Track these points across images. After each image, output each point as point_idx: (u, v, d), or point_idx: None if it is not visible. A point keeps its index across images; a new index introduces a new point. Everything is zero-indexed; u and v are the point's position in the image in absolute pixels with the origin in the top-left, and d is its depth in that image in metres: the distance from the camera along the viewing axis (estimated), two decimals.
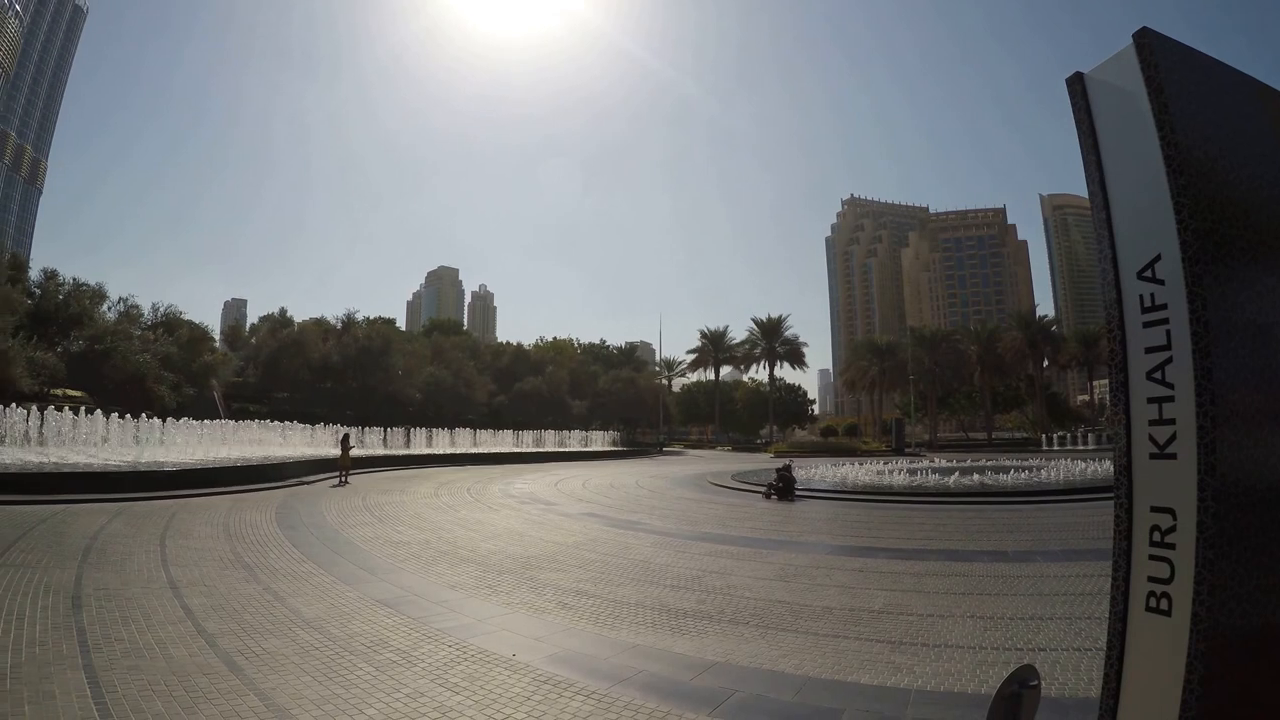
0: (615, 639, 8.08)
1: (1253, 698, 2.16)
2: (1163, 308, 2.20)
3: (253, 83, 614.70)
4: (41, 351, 48.15)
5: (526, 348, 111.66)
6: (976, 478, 29.66)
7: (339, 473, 31.31)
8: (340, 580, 10.87)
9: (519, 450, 63.10)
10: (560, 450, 67.91)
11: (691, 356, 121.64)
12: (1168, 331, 2.18)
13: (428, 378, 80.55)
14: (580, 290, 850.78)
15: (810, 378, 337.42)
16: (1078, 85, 2.47)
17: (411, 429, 62.84)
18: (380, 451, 46.74)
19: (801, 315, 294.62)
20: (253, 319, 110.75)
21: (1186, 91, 2.23)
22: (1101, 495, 21.97)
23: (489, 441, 67.19)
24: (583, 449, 73.06)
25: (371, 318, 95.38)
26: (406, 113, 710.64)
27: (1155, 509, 2.21)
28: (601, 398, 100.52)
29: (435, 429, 65.97)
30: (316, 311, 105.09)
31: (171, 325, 66.60)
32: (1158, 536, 2.20)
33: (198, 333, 71.33)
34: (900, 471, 34.76)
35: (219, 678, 6.39)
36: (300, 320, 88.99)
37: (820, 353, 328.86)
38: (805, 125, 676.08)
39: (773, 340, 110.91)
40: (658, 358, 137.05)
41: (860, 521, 19.20)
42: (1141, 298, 2.26)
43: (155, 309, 68.33)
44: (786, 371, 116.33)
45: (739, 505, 23.46)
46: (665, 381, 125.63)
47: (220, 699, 5.89)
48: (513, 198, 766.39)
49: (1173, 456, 2.18)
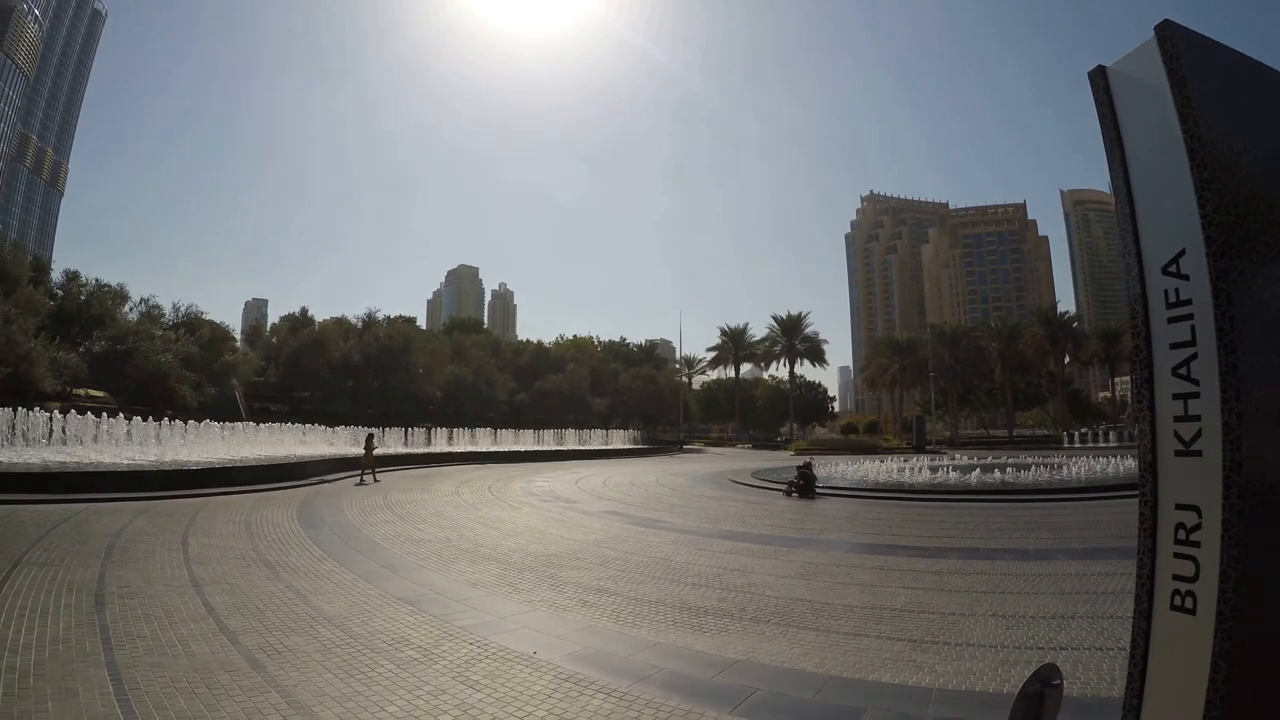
0: (636, 637, 8.08)
1: (1278, 698, 2.14)
2: (1187, 303, 2.17)
3: (273, 86, 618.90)
4: (64, 352, 48.71)
5: (547, 346, 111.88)
6: (998, 475, 29.48)
7: (362, 471, 31.45)
8: (361, 578, 10.93)
9: (540, 448, 63.14)
10: (581, 448, 67.97)
11: (712, 354, 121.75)
12: (1192, 327, 2.15)
13: (448, 376, 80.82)
14: (600, 288, 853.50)
15: (830, 375, 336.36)
16: (1100, 79, 2.44)
17: (432, 427, 63.04)
18: (401, 450, 46.91)
19: (821, 312, 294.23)
20: (273, 319, 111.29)
21: (1209, 84, 2.20)
22: (1123, 493, 21.81)
23: (510, 440, 67.33)
24: (603, 447, 73.23)
25: (392, 316, 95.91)
26: (424, 112, 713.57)
27: (1180, 506, 2.18)
28: (622, 395, 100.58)
29: (456, 427, 66.16)
30: (337, 311, 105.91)
31: (193, 325, 67.17)
32: (1182, 534, 2.17)
33: (219, 332, 71.83)
34: (921, 469, 34.60)
35: (241, 675, 6.44)
36: (321, 320, 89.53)
37: (840, 350, 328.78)
38: (824, 122, 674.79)
39: (793, 337, 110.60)
40: (678, 355, 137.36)
41: (881, 519, 19.12)
42: (1166, 293, 2.23)
43: (176, 309, 69.13)
44: (806, 369, 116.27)
45: (759, 503, 23.44)
46: (685, 379, 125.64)
47: (242, 696, 5.94)
48: (531, 196, 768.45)
49: (1198, 453, 2.15)
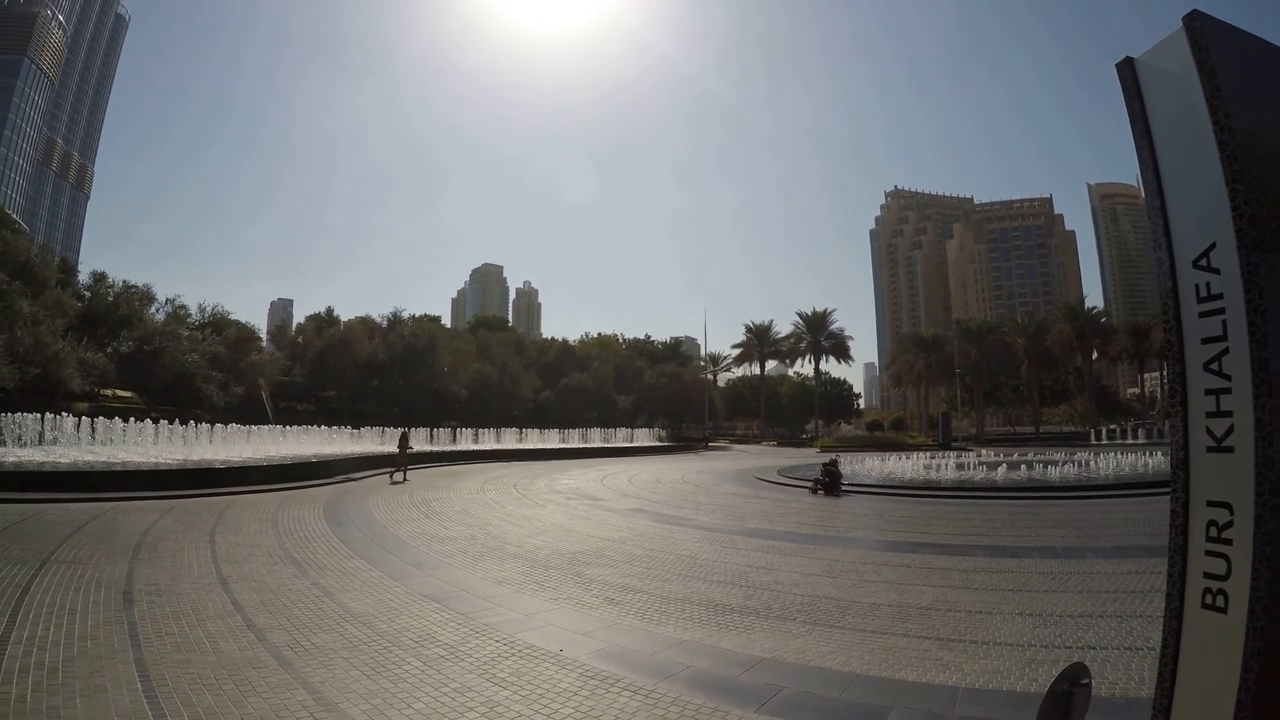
0: (662, 634, 8.09)
1: None
2: (1218, 297, 2.15)
3: (297, 86, 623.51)
4: (91, 352, 49.24)
5: (572, 343, 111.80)
6: (1024, 472, 29.30)
7: (395, 468, 31.75)
8: (388, 576, 11.00)
9: (565, 446, 63.21)
10: (606, 446, 67.92)
11: (736, 351, 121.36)
12: (1224, 321, 2.13)
13: (474, 374, 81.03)
14: (620, 287, 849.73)
15: (855, 371, 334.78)
16: (1128, 71, 2.42)
17: (457, 426, 63.26)
18: (427, 448, 47.15)
19: (846, 309, 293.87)
20: (299, 318, 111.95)
21: (1239, 75, 2.18)
22: (1152, 490, 21.58)
23: (535, 438, 67.53)
24: (629, 445, 73.21)
25: (417, 315, 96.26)
26: (447, 110, 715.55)
27: (1212, 503, 2.16)
28: (647, 393, 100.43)
29: (481, 425, 66.42)
30: (362, 310, 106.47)
31: (219, 325, 67.61)
32: (1214, 532, 2.15)
33: (244, 332, 72.30)
34: (947, 466, 34.43)
35: (268, 671, 6.51)
36: (346, 319, 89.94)
37: (865, 346, 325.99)
38: (849, 118, 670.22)
39: (818, 334, 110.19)
40: (703, 352, 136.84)
41: (907, 517, 19.04)
42: (1197, 287, 2.21)
43: (202, 309, 69.51)
44: (831, 365, 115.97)
45: (785, 500, 23.39)
46: (710, 376, 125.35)
47: (269, 692, 6.00)
48: (552, 194, 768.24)
49: (1230, 450, 2.13)
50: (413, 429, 50.05)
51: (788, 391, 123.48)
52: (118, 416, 37.64)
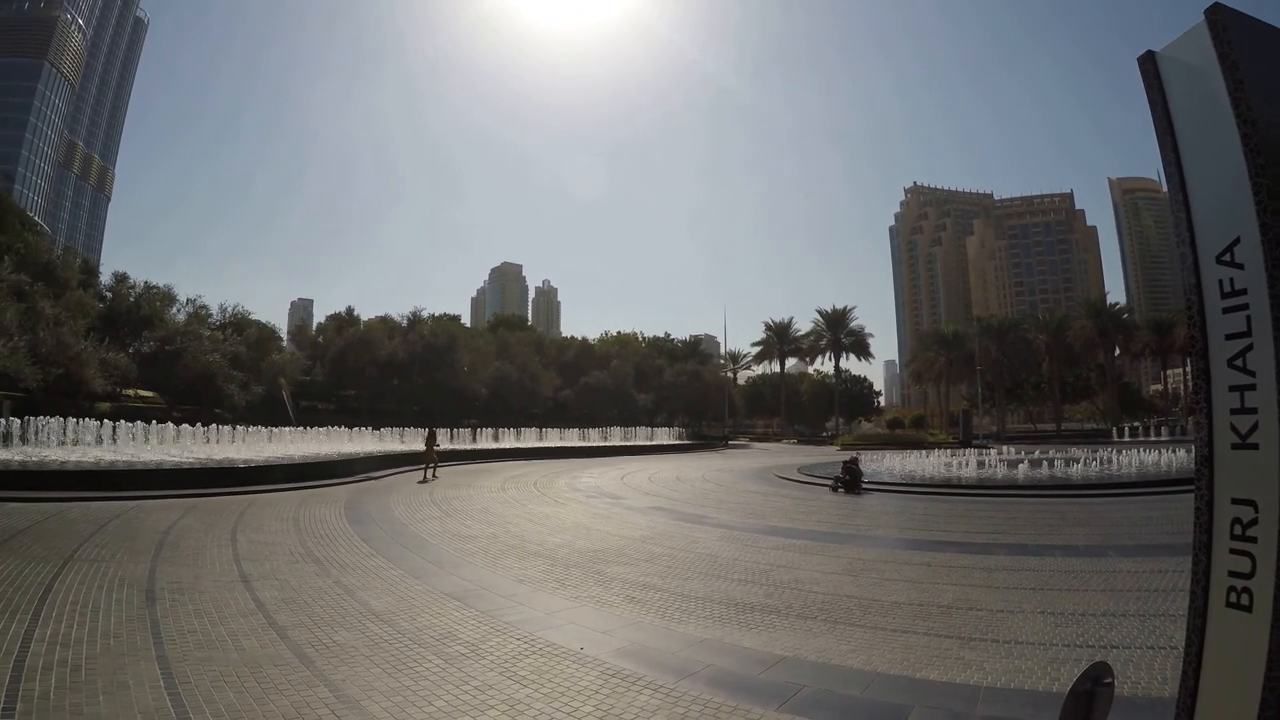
0: (683, 633, 8.10)
1: None
2: (1242, 292, 2.13)
3: (314, 85, 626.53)
4: (113, 353, 49.72)
5: (591, 342, 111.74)
6: (1046, 470, 29.13)
7: (425, 465, 31.92)
8: (409, 574, 11.06)
9: (585, 445, 63.29)
10: (626, 444, 68.00)
11: (756, 349, 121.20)
12: (1248, 317, 2.11)
13: (494, 373, 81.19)
14: (638, 285, 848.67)
15: (876, 369, 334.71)
16: (1150, 65, 2.40)
17: (478, 424, 63.47)
18: (447, 446, 47.33)
19: (866, 306, 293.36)
20: (319, 318, 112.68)
21: (1262, 68, 2.16)
22: (1174, 488, 21.39)
23: (555, 436, 67.65)
24: (648, 443, 73.28)
25: (437, 314, 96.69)
26: (464, 109, 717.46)
27: (1236, 501, 2.15)
28: (666, 391, 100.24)
29: (501, 424, 66.64)
30: (382, 310, 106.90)
31: (239, 325, 68.14)
32: (1239, 530, 2.13)
33: (265, 332, 72.91)
34: (968, 464, 34.27)
35: (290, 669, 6.56)
36: (366, 319, 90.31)
37: (885, 343, 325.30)
38: (868, 114, 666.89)
39: (838, 331, 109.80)
40: (722, 350, 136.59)
41: (928, 515, 18.97)
42: (1221, 282, 2.19)
43: (223, 309, 69.95)
44: (852, 363, 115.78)
45: (805, 499, 23.35)
46: (730, 374, 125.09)
47: (291, 690, 6.05)
48: (573, 192, 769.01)
49: (1254, 447, 2.11)
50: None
51: (808, 389, 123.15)
52: (139, 417, 38.00)
